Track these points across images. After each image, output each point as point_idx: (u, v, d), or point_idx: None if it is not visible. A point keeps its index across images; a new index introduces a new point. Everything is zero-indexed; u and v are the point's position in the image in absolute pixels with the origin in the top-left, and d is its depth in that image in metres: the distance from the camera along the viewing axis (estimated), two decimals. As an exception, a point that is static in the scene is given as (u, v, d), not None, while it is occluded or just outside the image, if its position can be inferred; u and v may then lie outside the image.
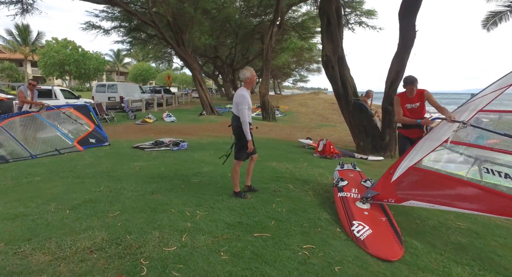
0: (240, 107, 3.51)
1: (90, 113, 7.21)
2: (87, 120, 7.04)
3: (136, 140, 7.69)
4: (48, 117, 6.52)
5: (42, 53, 27.89)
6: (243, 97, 3.50)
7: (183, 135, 9.15)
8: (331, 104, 25.16)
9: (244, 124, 3.52)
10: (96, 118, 7.31)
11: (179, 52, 14.99)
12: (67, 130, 6.49)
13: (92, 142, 6.64)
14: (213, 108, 15.70)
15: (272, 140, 8.70)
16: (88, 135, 6.73)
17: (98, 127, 7.12)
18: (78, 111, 7.04)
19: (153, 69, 48.29)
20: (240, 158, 3.72)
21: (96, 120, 7.23)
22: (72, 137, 6.39)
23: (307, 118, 18.26)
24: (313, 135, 10.60)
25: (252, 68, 3.68)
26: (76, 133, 6.62)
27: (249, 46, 27.34)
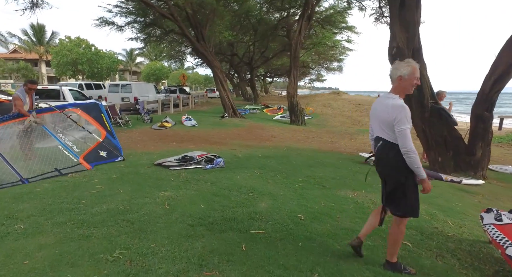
0: (400, 127, 2.00)
1: (101, 115, 5.76)
2: (97, 125, 5.61)
3: (157, 153, 6.24)
4: (49, 122, 5.12)
5: (55, 52, 27.03)
6: (402, 110, 2.02)
7: (210, 144, 7.68)
8: (357, 105, 23.43)
9: (412, 154, 1.98)
10: (109, 122, 5.87)
11: (199, 48, 13.56)
12: (71, 141, 5.08)
13: (103, 156, 5.21)
14: (235, 110, 14.22)
15: (320, 153, 7.13)
16: (98, 146, 5.31)
17: (110, 134, 5.68)
18: (86, 113, 5.60)
19: (166, 68, 47.29)
20: (413, 213, 2.17)
21: (109, 125, 5.79)
22: (77, 151, 4.97)
23: (337, 121, 16.59)
24: (360, 144, 8.99)
25: (414, 62, 2.13)
26: (83, 145, 5.19)
27: (268, 44, 25.79)
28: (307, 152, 7.06)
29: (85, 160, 4.91)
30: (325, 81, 64.56)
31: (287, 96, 14.45)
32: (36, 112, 5.16)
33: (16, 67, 45.02)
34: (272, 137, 9.39)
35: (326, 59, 34.04)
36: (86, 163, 4.85)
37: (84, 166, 4.77)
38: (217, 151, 6.65)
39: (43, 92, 9.64)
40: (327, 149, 7.72)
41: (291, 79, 14.33)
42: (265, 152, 6.77)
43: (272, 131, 10.61)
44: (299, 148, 7.63)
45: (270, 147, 7.52)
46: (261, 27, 22.84)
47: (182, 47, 29.55)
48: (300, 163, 5.76)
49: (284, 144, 8.09)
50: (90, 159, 5.00)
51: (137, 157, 5.78)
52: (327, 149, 7.72)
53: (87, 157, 4.99)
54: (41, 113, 5.18)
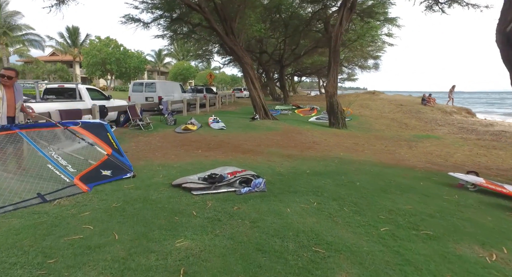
0: None
1: (107, 134, 4.59)
2: (101, 143, 4.41)
3: (177, 166, 4.95)
4: (40, 137, 3.94)
5: (85, 53, 27.17)
6: None
7: (243, 153, 6.29)
8: (399, 106, 21.21)
9: None
10: (116, 140, 4.66)
11: (228, 42, 12.30)
12: (66, 159, 3.87)
13: (106, 175, 3.96)
14: (267, 112, 12.80)
15: (384, 168, 5.48)
16: (101, 165, 4.08)
17: (117, 152, 4.47)
18: (88, 131, 4.42)
19: (193, 68, 46.99)
20: None
21: (116, 143, 4.59)
22: (72, 171, 3.75)
23: (380, 123, 14.65)
24: (425, 154, 7.21)
25: None
26: (81, 163, 3.99)
27: (299, 40, 24.15)
28: (366, 166, 5.46)
29: (82, 180, 3.68)
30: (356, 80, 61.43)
31: (325, 96, 12.82)
32: (33, 126, 4.02)
33: (54, 69, 46.93)
34: (314, 143, 7.85)
35: (362, 56, 31.76)
36: (83, 184, 3.62)
37: (79, 188, 3.55)
38: (253, 164, 5.25)
39: (58, 91, 8.77)
40: (389, 161, 6.06)
41: (330, 76, 12.66)
42: (313, 166, 5.27)
43: (312, 136, 9.06)
44: (353, 159, 6.04)
45: (317, 158, 6.00)
46: (292, 21, 21.34)
47: (210, 46, 28.73)
48: (367, 185, 4.21)
49: (333, 154, 6.53)
50: (90, 179, 3.77)
51: (152, 172, 4.51)
52: (389, 161, 6.06)
53: (86, 177, 3.76)
54: (38, 128, 4.04)
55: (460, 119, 17.14)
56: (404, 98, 25.21)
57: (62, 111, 6.34)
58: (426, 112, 18.53)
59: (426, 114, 17.94)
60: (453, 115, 18.56)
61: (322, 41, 23.33)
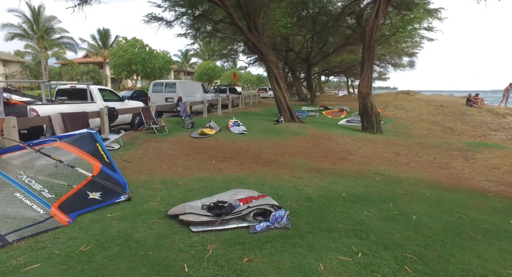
0: None
1: (96, 145, 3.80)
2: (88, 158, 3.62)
3: (182, 183, 4.09)
4: (5, 162, 3.19)
5: (112, 53, 27.51)
6: None
7: (263, 165, 5.33)
8: (439, 107, 19.23)
9: None
10: (107, 152, 3.86)
11: (251, 38, 11.39)
12: (41, 183, 3.11)
13: (94, 199, 3.18)
14: (293, 114, 11.74)
15: (445, 192, 4.24)
16: (86, 186, 3.29)
17: (109, 167, 3.68)
18: (72, 145, 3.64)
19: (218, 67, 46.75)
20: None
21: (107, 156, 3.80)
22: (49, 197, 2.98)
23: (420, 128, 13.07)
24: (490, 169, 5.85)
25: None
26: (61, 187, 3.21)
27: (328, 37, 22.75)
28: (419, 187, 4.29)
29: (62, 209, 2.90)
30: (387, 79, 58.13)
31: (358, 97, 11.53)
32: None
33: (86, 70, 48.79)
34: (348, 153, 6.72)
35: (395, 54, 29.59)
36: (63, 214, 2.84)
37: (57, 221, 2.76)
38: (274, 182, 4.28)
39: (70, 92, 8.31)
40: (446, 180, 4.81)
41: (364, 74, 11.35)
42: (349, 186, 4.20)
43: (344, 143, 7.91)
44: (399, 177, 4.87)
45: (353, 174, 4.91)
46: (321, 18, 20.07)
47: (234, 45, 28.08)
48: (428, 220, 3.09)
49: (372, 168, 5.39)
50: (73, 206, 2.99)
51: (149, 193, 3.68)
52: (446, 180, 4.81)
53: (67, 204, 2.98)
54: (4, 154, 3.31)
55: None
56: (444, 99, 23.01)
57: (65, 115, 5.74)
58: (473, 114, 16.51)
59: (473, 117, 15.97)
60: (507, 117, 16.37)
61: (352, 37, 21.80)
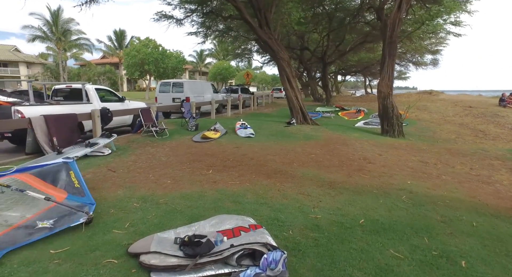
0: None
1: (69, 174, 3.22)
2: (51, 190, 2.99)
3: (164, 201, 3.40)
4: None
5: (126, 54, 27.48)
6: None
7: (267, 177, 4.57)
8: (467, 108, 17.79)
9: None
10: (80, 178, 3.24)
11: (262, 35, 10.63)
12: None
13: (44, 227, 2.53)
14: (306, 115, 10.89)
15: (503, 224, 3.29)
16: (41, 215, 2.65)
17: (77, 194, 3.05)
18: (40, 178, 3.04)
19: (232, 67, 46.29)
20: None
21: (79, 181, 3.18)
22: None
23: (447, 131, 11.89)
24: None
25: None
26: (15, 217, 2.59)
27: (345, 35, 21.65)
28: (460, 211, 3.39)
29: None
30: (408, 79, 55.83)
31: (377, 97, 10.53)
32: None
33: (103, 71, 49.59)
34: (366, 161, 5.84)
35: (417, 51, 27.96)
36: None
37: None
38: (276, 201, 3.51)
39: (66, 92, 7.84)
40: (494, 201, 3.85)
41: (384, 73, 10.34)
42: (369, 209, 3.37)
43: (361, 149, 7.02)
44: (431, 195, 3.97)
45: (373, 191, 4.06)
46: (338, 14, 19.10)
47: (249, 45, 27.44)
48: (485, 272, 2.23)
49: (396, 182, 4.51)
50: (8, 242, 2.35)
51: (120, 214, 3.01)
52: (494, 201, 3.85)
53: (5, 238, 2.35)
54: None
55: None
56: (472, 99, 21.42)
57: (49, 117, 5.18)
58: (508, 116, 15.05)
59: (508, 119, 14.52)
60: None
61: (371, 34, 20.63)
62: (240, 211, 3.23)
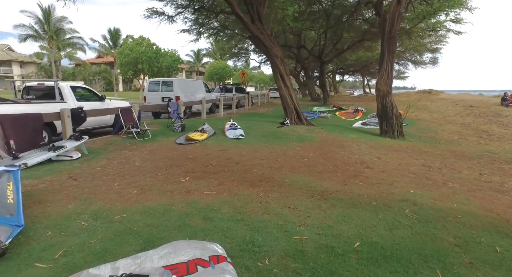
0: None
1: (6, 185, 2.66)
2: None
3: (118, 220, 2.81)
4: None
5: (119, 53, 26.83)
6: None
7: (250, 185, 4.00)
8: (467, 108, 17.28)
9: None
10: (18, 191, 2.66)
11: (254, 30, 10.06)
12: None
13: None
14: (300, 115, 10.32)
15: None
16: None
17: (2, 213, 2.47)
18: None
19: (229, 67, 45.69)
20: None
21: (15, 196, 2.60)
22: None
23: (449, 131, 11.34)
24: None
25: None
26: None
27: (342, 33, 21.13)
28: (477, 231, 2.82)
29: None
30: (406, 78, 55.32)
31: (376, 96, 9.97)
32: None
33: (98, 70, 48.85)
34: (364, 165, 5.27)
35: (415, 50, 27.45)
36: None
37: None
38: (254, 217, 2.95)
39: (38, 90, 7.25)
40: None
41: (383, 70, 9.78)
42: (367, 228, 2.80)
43: (359, 152, 6.45)
44: (440, 209, 3.39)
45: (371, 203, 3.49)
46: (335, 10, 18.56)
47: (245, 44, 26.87)
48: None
49: (397, 191, 3.94)
50: None
51: (56, 239, 2.43)
52: None
53: None
54: None
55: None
56: (473, 98, 20.91)
57: (5, 118, 4.59)
58: (511, 115, 14.54)
59: (511, 118, 14.01)
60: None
61: (369, 32, 20.14)
62: (209, 231, 2.66)
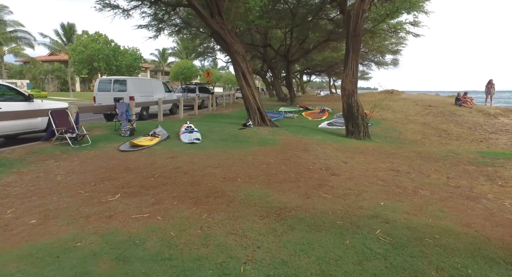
0: None
1: None
2: None
3: (2, 263, 1.93)
4: None
5: (71, 49, 24.61)
6: None
7: (193, 203, 3.27)
8: (427, 108, 17.80)
9: None
10: None
11: (213, 25, 9.30)
12: None
13: None
14: (264, 116, 9.71)
15: None
16: None
17: None
18: None
19: (195, 67, 44.30)
20: None
21: None
22: None
23: (412, 131, 11.37)
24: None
25: None
26: None
27: (308, 33, 21.04)
28: (461, 258, 2.32)
29: None
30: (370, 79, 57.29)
31: (341, 95, 9.65)
32: None
33: (51, 69, 45.00)
34: (329, 172, 4.74)
35: (378, 51, 28.20)
36: None
37: None
38: (190, 251, 2.21)
39: None
40: (496, 234, 2.81)
41: (348, 69, 9.47)
42: (331, 261, 2.19)
43: (324, 156, 5.95)
44: (415, 227, 2.87)
45: (337, 221, 2.91)
46: (300, 9, 18.33)
47: (211, 43, 25.93)
48: None
49: (367, 206, 3.41)
50: None
51: None
52: (496, 234, 2.81)
53: None
54: None
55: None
56: (431, 98, 21.74)
57: None
58: (464, 115, 15.10)
59: (464, 117, 14.53)
60: (498, 118, 15.06)
61: (334, 33, 20.22)
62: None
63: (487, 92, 19.68)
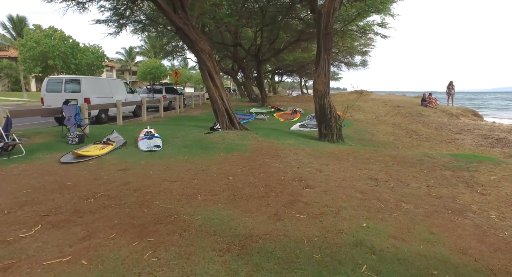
0: None
1: None
2: None
3: None
4: None
5: (21, 45, 22.35)
6: None
7: (137, 232, 2.55)
8: (395, 108, 18.13)
9: None
10: None
11: (176, 21, 8.52)
12: None
13: None
14: (233, 119, 9.08)
15: None
16: None
17: None
18: None
19: (164, 66, 42.60)
20: None
21: None
22: None
23: (384, 132, 11.30)
24: (507, 202, 3.74)
25: None
26: None
27: (279, 32, 20.76)
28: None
29: None
30: (340, 79, 58.61)
31: (314, 96, 9.25)
32: None
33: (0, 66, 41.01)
34: (303, 184, 4.23)
35: (348, 52, 28.58)
36: None
37: None
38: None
39: None
40: (499, 263, 2.43)
41: (320, 69, 9.11)
42: None
43: (297, 163, 5.45)
44: (406, 259, 2.43)
45: (313, 255, 2.38)
46: (270, 8, 17.95)
47: (180, 42, 24.83)
48: None
49: (347, 229, 2.91)
50: None
51: None
52: (499, 263, 2.43)
53: None
54: None
55: (473, 124, 14.16)
56: (399, 98, 22.30)
57: None
58: (430, 115, 15.48)
59: (430, 118, 14.86)
60: (460, 118, 15.61)
61: (305, 33, 20.05)
62: None
63: (448, 92, 20.52)
